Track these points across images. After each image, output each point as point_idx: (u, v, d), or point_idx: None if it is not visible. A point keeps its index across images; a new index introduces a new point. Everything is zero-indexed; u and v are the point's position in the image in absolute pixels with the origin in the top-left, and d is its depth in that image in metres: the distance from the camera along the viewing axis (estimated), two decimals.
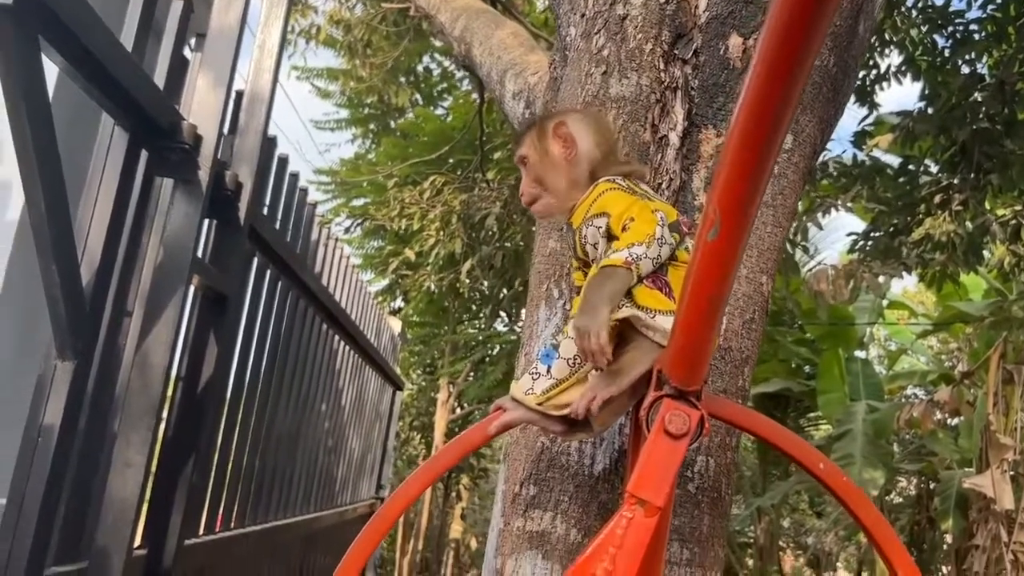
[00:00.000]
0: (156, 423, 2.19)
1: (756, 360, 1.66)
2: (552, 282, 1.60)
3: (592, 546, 0.98)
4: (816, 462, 1.17)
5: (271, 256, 3.29)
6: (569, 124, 1.43)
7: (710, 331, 0.94)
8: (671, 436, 1.00)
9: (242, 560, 3.42)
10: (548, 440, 1.52)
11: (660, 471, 0.98)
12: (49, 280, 1.85)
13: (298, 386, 4.12)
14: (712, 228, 0.85)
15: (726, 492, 1.54)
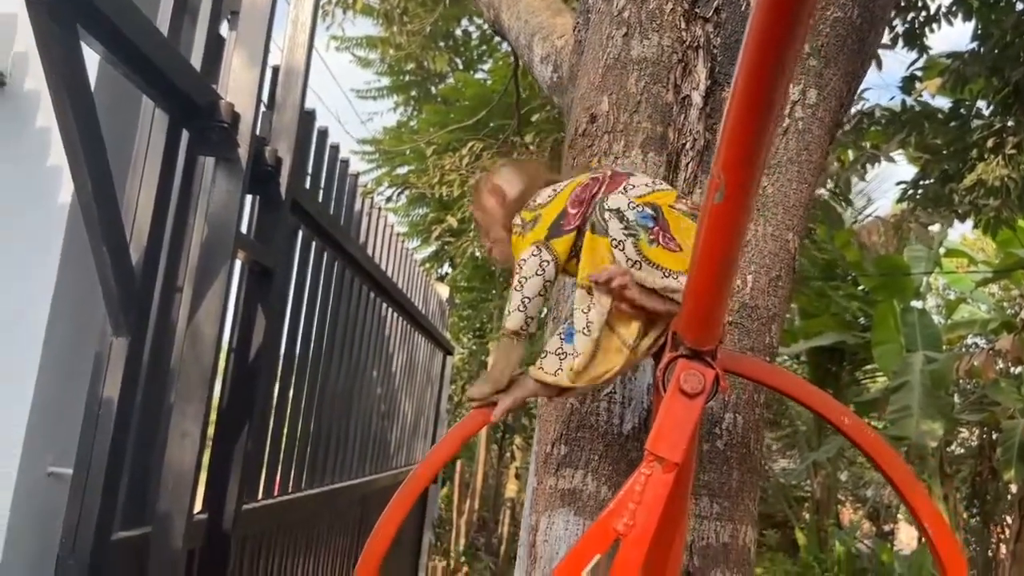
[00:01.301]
0: (209, 394, 2.28)
1: (783, 318, 1.66)
2: None
3: (612, 503, 1.02)
4: (841, 417, 1.19)
5: (315, 228, 3.35)
6: (495, 177, 1.56)
7: (721, 293, 0.95)
8: (686, 395, 1.02)
9: (301, 522, 3.55)
10: (577, 401, 1.55)
11: (677, 429, 1.01)
12: (100, 260, 1.93)
13: (348, 353, 4.22)
14: (718, 191, 0.86)
15: (756, 447, 1.56)
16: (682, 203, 1.35)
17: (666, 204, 1.33)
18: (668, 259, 1.22)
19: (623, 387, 1.53)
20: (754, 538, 1.56)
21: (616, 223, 1.29)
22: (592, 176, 1.43)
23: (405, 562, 6.66)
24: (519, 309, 1.39)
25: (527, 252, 1.39)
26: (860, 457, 11.50)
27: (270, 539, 3.17)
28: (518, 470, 10.51)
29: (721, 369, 1.07)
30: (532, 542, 1.57)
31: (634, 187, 1.38)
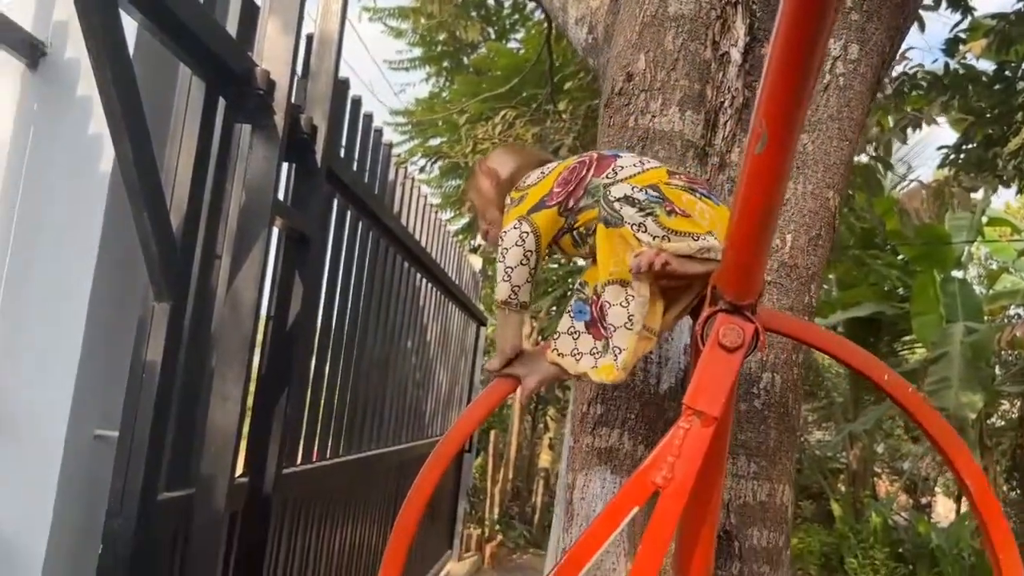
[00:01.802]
0: (249, 359, 2.32)
1: (822, 277, 1.64)
2: None
3: (651, 456, 1.02)
4: (881, 373, 1.18)
5: (350, 197, 3.37)
6: (489, 160, 1.61)
7: (762, 244, 0.95)
8: (725, 349, 1.02)
9: (339, 488, 3.61)
10: None
11: (715, 383, 1.01)
12: (141, 227, 1.96)
13: (383, 323, 4.26)
14: (759, 141, 0.85)
15: (793, 407, 1.55)
16: (675, 178, 1.37)
17: (661, 182, 1.34)
18: (690, 225, 1.23)
19: (659, 347, 1.53)
20: (791, 498, 1.56)
21: (629, 208, 1.29)
22: (579, 159, 1.46)
23: (442, 529, 6.76)
24: (504, 279, 1.43)
25: (509, 226, 1.43)
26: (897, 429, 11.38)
27: (309, 504, 3.23)
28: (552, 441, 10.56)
29: (762, 325, 1.06)
30: (569, 499, 1.58)
31: (623, 168, 1.40)
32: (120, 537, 2.00)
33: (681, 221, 1.24)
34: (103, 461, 2.09)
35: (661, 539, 0.99)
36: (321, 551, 3.45)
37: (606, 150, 1.48)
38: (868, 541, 7.43)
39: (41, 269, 2.07)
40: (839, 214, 1.65)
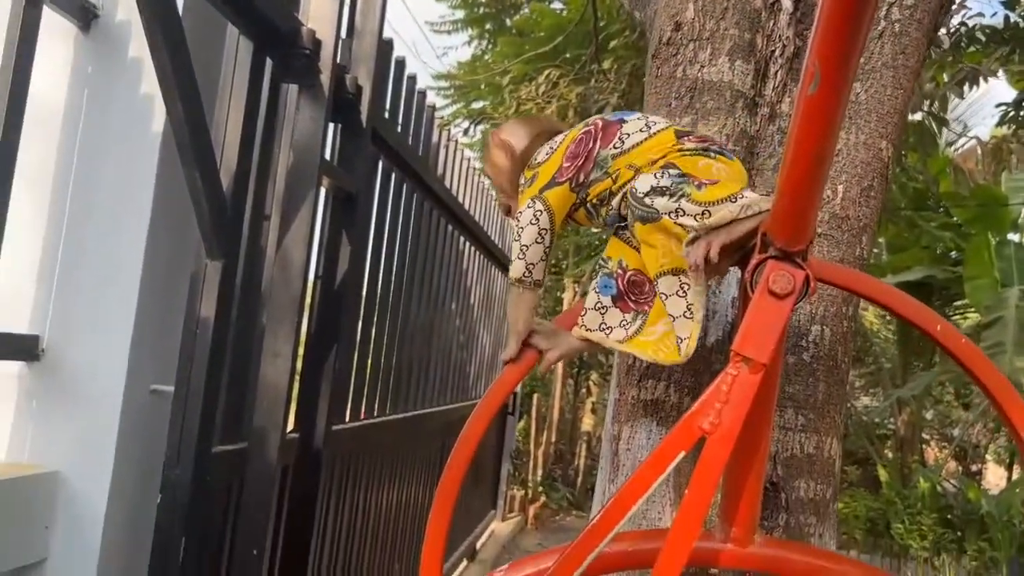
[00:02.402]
0: (299, 316, 2.36)
1: (875, 229, 1.62)
2: None
3: (699, 402, 1.02)
4: (933, 324, 1.16)
5: (394, 159, 3.39)
6: (503, 131, 1.58)
7: (814, 190, 0.93)
8: (775, 296, 1.01)
9: (385, 446, 3.67)
10: None
11: (764, 329, 1.00)
12: (193, 186, 2.00)
13: (428, 284, 4.29)
14: (812, 81, 0.84)
15: (843, 360, 1.54)
16: (686, 140, 1.35)
17: (674, 152, 1.33)
18: (722, 190, 1.21)
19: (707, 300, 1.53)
20: (839, 451, 1.55)
21: (660, 199, 1.27)
22: (584, 130, 1.45)
23: (486, 490, 6.85)
24: (519, 257, 1.44)
25: (524, 206, 1.44)
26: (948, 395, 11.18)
27: (357, 460, 3.29)
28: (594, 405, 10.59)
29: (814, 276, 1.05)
30: (615, 451, 1.59)
31: (628, 135, 1.38)
32: (178, 486, 2.08)
33: (712, 190, 1.22)
34: (159, 415, 2.16)
35: (707, 484, 1.00)
36: (369, 506, 3.52)
37: (610, 115, 1.45)
38: (916, 507, 7.35)
39: (97, 229, 2.13)
40: (892, 165, 1.62)
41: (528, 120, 1.62)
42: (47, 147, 2.13)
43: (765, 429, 1.13)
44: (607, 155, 1.38)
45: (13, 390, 2.09)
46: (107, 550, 2.06)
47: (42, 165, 2.12)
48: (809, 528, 1.47)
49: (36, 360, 2.10)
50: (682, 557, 1.01)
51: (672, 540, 1.01)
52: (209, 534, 2.19)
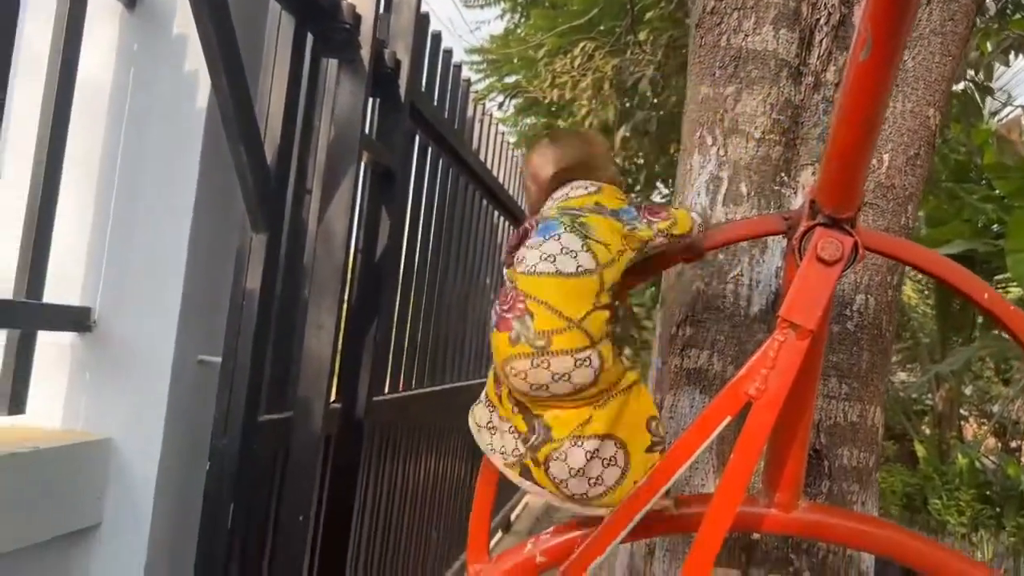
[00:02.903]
0: (341, 289, 2.40)
1: (920, 198, 1.60)
2: (705, 129, 1.60)
3: (745, 367, 1.03)
4: (980, 291, 1.16)
5: (431, 133, 3.41)
6: (534, 155, 1.44)
7: (863, 156, 0.93)
8: (824, 263, 1.01)
9: (423, 417, 3.72)
10: (703, 284, 1.56)
11: (812, 296, 1.01)
12: (238, 159, 2.04)
13: (464, 260, 4.32)
14: (864, 47, 0.84)
15: (887, 329, 1.54)
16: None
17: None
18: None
19: (751, 269, 1.53)
20: (882, 420, 1.55)
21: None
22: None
23: None
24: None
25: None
26: (988, 371, 11.01)
27: (396, 431, 3.34)
28: None
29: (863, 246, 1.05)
30: None
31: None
32: (225, 455, 2.13)
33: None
34: (207, 385, 2.21)
35: (752, 449, 1.01)
36: (408, 475, 3.58)
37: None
38: (954, 483, 7.28)
39: (144, 204, 2.17)
40: (939, 134, 1.60)
41: (563, 147, 1.43)
42: (95, 124, 2.18)
43: (810, 396, 1.14)
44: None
45: (67, 360, 2.15)
46: (158, 515, 2.13)
47: (91, 142, 2.17)
48: (852, 496, 1.48)
49: (88, 331, 2.15)
50: (726, 521, 1.02)
51: (716, 504, 1.02)
52: (256, 501, 2.25)
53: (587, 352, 1.13)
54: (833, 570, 1.46)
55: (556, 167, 1.36)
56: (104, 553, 2.12)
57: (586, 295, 1.11)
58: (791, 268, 1.09)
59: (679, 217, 1.22)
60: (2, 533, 1.80)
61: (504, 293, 1.17)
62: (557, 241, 1.14)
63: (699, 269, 1.57)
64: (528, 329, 1.11)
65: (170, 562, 2.18)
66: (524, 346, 1.12)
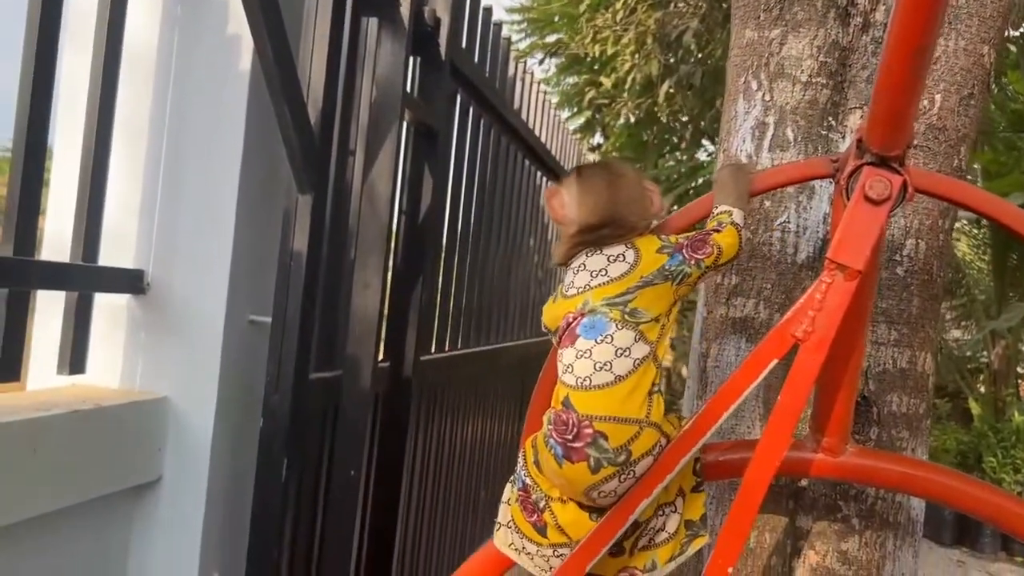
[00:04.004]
0: (387, 248, 2.42)
1: (974, 139, 1.56)
2: (750, 74, 1.57)
3: (793, 309, 1.02)
4: None
5: (472, 92, 3.39)
6: (563, 190, 1.35)
7: (913, 90, 0.91)
8: (872, 202, 0.99)
9: (470, 376, 3.76)
10: (749, 232, 1.54)
11: (860, 236, 0.99)
12: (283, 121, 2.06)
13: (507, 219, 4.32)
14: None
15: (938, 275, 1.50)
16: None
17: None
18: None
19: (798, 216, 1.51)
20: (934, 367, 1.53)
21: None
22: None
23: None
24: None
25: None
26: None
27: (443, 390, 3.39)
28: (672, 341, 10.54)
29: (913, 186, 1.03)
30: (703, 368, 1.60)
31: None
32: (278, 411, 2.18)
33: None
34: (258, 344, 2.26)
35: (799, 391, 1.01)
36: (456, 434, 3.64)
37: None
38: (1010, 440, 7.14)
39: (192, 167, 2.21)
40: (993, 72, 1.55)
41: (593, 188, 1.33)
42: (143, 88, 2.21)
43: (859, 339, 1.12)
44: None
45: (123, 322, 2.21)
46: (215, 470, 2.19)
47: (138, 106, 2.21)
48: (901, 442, 1.46)
49: (142, 293, 2.21)
50: (773, 463, 1.02)
51: (763, 446, 1.02)
52: (309, 456, 2.31)
53: (660, 440, 1.13)
54: (882, 516, 1.45)
55: (583, 221, 1.30)
56: (165, 506, 2.19)
57: (645, 383, 1.11)
58: (838, 211, 1.07)
59: (724, 246, 1.19)
60: (67, 487, 1.87)
61: (560, 419, 1.12)
62: (610, 344, 1.11)
63: None
64: (607, 451, 1.09)
65: (227, 515, 2.25)
66: (608, 468, 1.10)
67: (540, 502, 1.17)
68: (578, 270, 1.23)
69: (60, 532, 1.91)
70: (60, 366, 2.08)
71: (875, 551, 1.45)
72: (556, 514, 1.15)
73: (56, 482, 1.83)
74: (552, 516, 1.15)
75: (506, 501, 1.24)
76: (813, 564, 1.44)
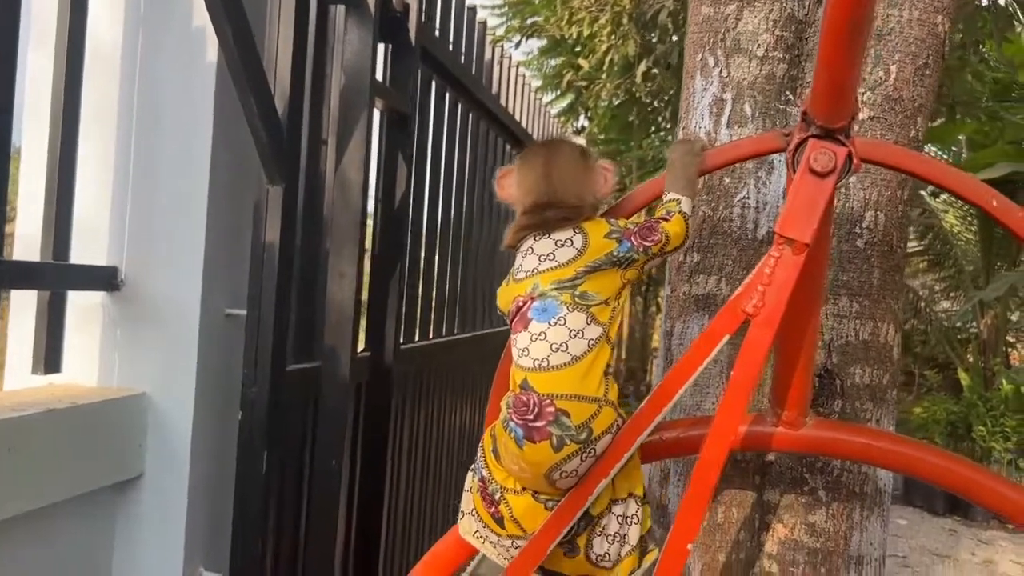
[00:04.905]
0: (361, 237, 2.42)
1: (931, 109, 1.56)
2: (707, 50, 1.56)
3: (743, 285, 1.03)
4: (988, 199, 1.12)
5: (447, 78, 3.38)
6: (510, 173, 1.39)
7: (852, 61, 0.91)
8: (817, 174, 1.00)
9: (454, 363, 3.76)
10: (710, 209, 1.54)
11: (807, 209, 0.99)
12: (250, 112, 2.05)
13: (488, 207, 4.31)
14: None
15: (898, 246, 1.51)
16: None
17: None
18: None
19: (757, 192, 1.51)
20: (898, 339, 1.54)
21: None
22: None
23: None
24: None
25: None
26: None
27: (427, 377, 3.39)
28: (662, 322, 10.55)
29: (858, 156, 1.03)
30: (668, 346, 1.61)
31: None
32: (256, 404, 2.18)
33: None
34: (236, 337, 2.26)
35: (752, 366, 1.01)
36: (442, 421, 3.64)
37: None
38: (999, 409, 7.20)
39: (162, 162, 2.20)
40: (948, 41, 1.55)
41: (532, 171, 1.34)
42: (109, 85, 2.20)
43: (813, 311, 1.13)
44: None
45: (98, 319, 2.21)
46: (196, 464, 2.20)
47: (105, 103, 2.20)
48: (865, 413, 1.47)
49: (116, 290, 2.21)
50: (728, 437, 1.03)
51: (718, 421, 1.03)
52: (290, 447, 2.31)
53: (617, 419, 1.14)
54: (848, 487, 1.46)
55: (522, 202, 1.33)
56: (148, 502, 2.20)
57: (600, 363, 1.11)
58: (790, 184, 1.07)
59: (671, 234, 1.20)
60: (47, 486, 1.87)
61: (520, 401, 1.12)
62: (563, 326, 1.11)
63: (704, 194, 1.56)
64: (569, 429, 1.09)
65: (211, 508, 2.26)
66: (571, 446, 1.09)
67: (496, 494, 1.17)
68: (526, 253, 1.24)
69: (43, 530, 1.92)
70: (35, 366, 2.08)
71: (842, 522, 1.46)
72: (511, 505, 1.15)
73: (35, 482, 1.84)
74: (507, 508, 1.16)
75: (468, 489, 1.24)
76: (781, 537, 1.46)
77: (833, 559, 1.45)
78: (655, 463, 1.60)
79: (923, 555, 5.90)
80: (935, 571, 5.57)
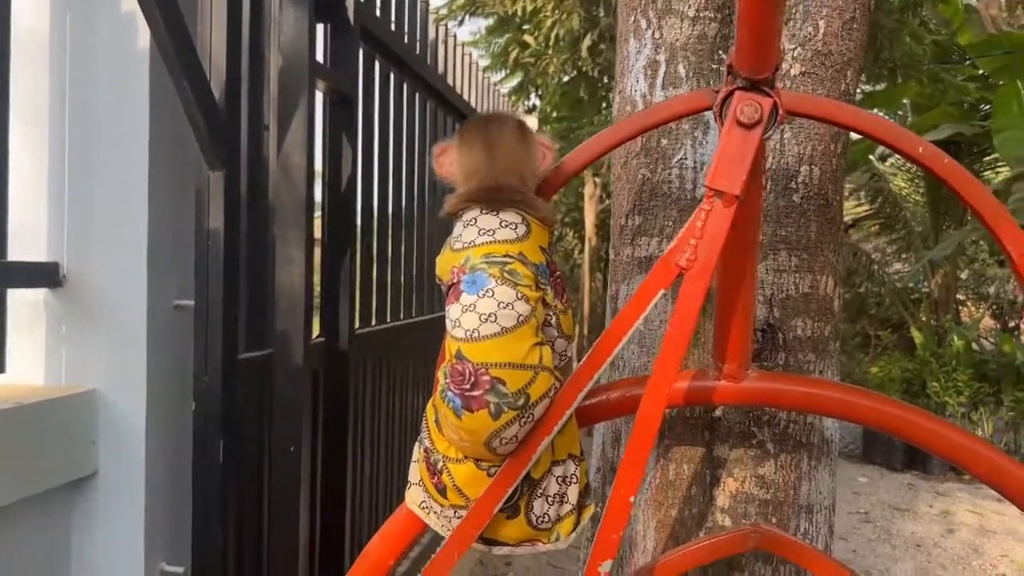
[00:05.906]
0: (308, 222, 2.39)
1: (861, 63, 1.58)
2: (639, 12, 1.57)
3: (675, 239, 1.04)
4: (915, 146, 1.15)
5: (391, 58, 3.35)
6: (448, 150, 1.38)
7: (772, 10, 0.92)
8: (744, 126, 1.01)
9: (411, 347, 3.75)
10: (648, 171, 1.55)
11: (735, 161, 1.00)
12: (185, 97, 2.01)
13: (440, 188, 4.29)
14: None
15: (834, 199, 1.53)
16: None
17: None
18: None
19: (694, 152, 1.52)
20: (838, 291, 1.56)
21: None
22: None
23: None
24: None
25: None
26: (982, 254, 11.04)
27: (384, 362, 3.38)
28: None
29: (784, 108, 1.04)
30: (614, 309, 1.62)
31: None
32: (208, 394, 2.16)
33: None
34: (187, 329, 2.23)
35: (686, 319, 1.02)
36: (405, 404, 3.64)
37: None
38: (951, 364, 7.38)
39: (99, 152, 2.15)
40: None
41: (473, 145, 1.34)
42: (38, 75, 2.14)
43: (748, 264, 1.14)
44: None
45: (42, 316, 2.17)
46: (151, 458, 2.17)
47: (35, 93, 2.14)
48: (808, 365, 1.50)
49: (59, 286, 2.16)
50: (664, 391, 1.04)
51: (655, 375, 1.04)
52: (246, 435, 2.30)
53: (555, 383, 1.13)
54: (795, 438, 1.49)
55: (465, 186, 1.32)
56: (104, 499, 2.17)
57: (529, 335, 1.10)
58: None
59: (568, 319, 1.21)
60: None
61: (456, 370, 1.11)
62: (492, 298, 1.10)
63: (643, 157, 1.56)
64: (506, 396, 1.08)
65: (170, 501, 2.24)
66: (509, 413, 1.08)
67: (438, 463, 1.17)
68: (468, 224, 1.23)
69: None
70: None
71: (791, 472, 1.49)
72: (453, 474, 1.15)
73: None
74: (450, 477, 1.16)
75: (415, 460, 1.24)
76: (732, 491, 1.48)
77: (784, 509, 1.48)
78: (607, 425, 1.61)
79: (884, 510, 6.05)
80: (896, 524, 5.72)
